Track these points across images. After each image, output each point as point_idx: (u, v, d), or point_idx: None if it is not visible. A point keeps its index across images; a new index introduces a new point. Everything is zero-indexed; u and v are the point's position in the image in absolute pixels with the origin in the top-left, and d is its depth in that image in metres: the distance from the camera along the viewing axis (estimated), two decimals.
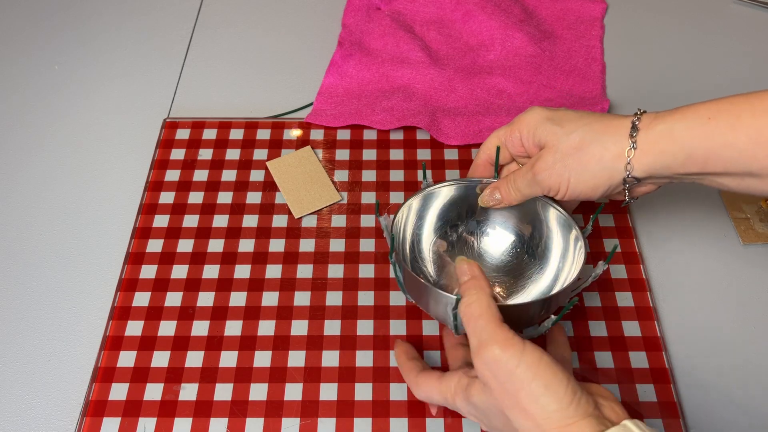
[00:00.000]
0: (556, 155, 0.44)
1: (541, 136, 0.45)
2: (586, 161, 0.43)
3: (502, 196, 0.48)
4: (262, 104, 0.68)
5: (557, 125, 0.44)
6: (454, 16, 0.75)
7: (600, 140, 0.43)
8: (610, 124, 0.43)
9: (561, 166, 0.44)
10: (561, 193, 0.45)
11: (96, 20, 0.78)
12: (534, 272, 0.51)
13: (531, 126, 0.46)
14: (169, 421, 0.48)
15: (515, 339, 0.37)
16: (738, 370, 0.50)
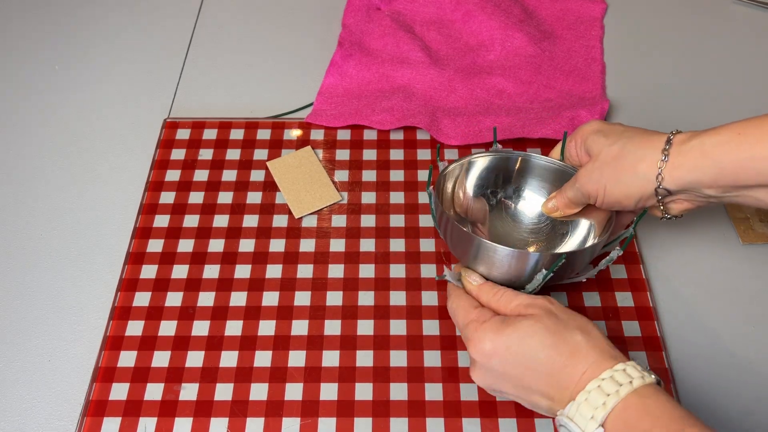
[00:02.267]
0: (595, 164, 0.47)
1: (589, 145, 0.48)
2: (621, 170, 0.46)
3: (557, 204, 0.51)
4: (262, 104, 0.68)
5: (604, 136, 0.47)
6: (454, 16, 0.75)
7: (636, 152, 0.45)
8: (650, 139, 0.45)
9: (598, 174, 0.46)
10: (599, 199, 0.47)
11: (96, 20, 0.78)
12: (565, 232, 0.53)
13: (584, 136, 0.49)
14: (169, 421, 0.48)
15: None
16: (738, 370, 0.50)
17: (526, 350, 0.40)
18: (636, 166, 0.45)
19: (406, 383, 0.49)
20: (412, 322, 0.53)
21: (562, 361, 0.39)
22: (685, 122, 0.65)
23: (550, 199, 0.52)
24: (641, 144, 0.45)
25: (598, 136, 0.48)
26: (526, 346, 0.40)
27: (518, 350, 0.41)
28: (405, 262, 0.56)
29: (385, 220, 0.59)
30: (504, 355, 0.41)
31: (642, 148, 0.45)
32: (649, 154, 0.45)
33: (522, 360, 0.41)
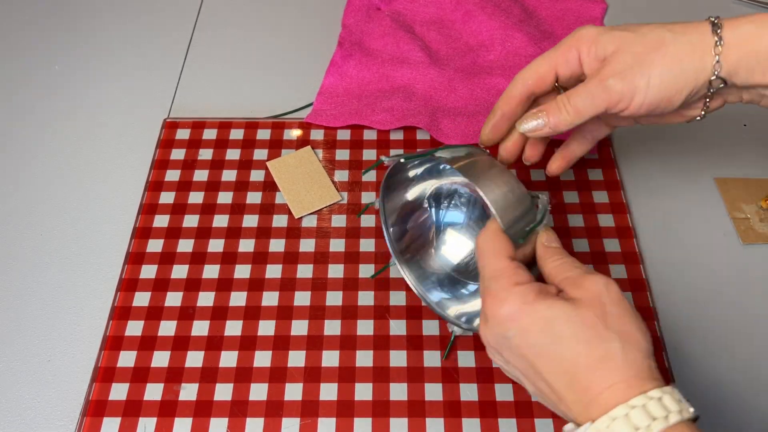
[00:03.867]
0: (631, 56, 0.39)
1: (607, 44, 0.40)
2: (669, 60, 0.39)
3: (550, 120, 0.42)
4: (262, 104, 0.68)
5: (625, 31, 0.40)
6: (454, 16, 0.75)
7: (681, 38, 0.39)
8: (690, 24, 0.40)
9: (638, 68, 0.39)
10: (635, 102, 0.39)
11: (96, 20, 0.78)
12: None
13: (593, 37, 0.41)
14: (169, 421, 0.48)
15: None
16: (738, 370, 0.50)
17: (552, 336, 0.35)
18: (687, 53, 0.38)
19: (406, 383, 0.49)
20: (411, 323, 0.53)
21: (588, 363, 0.34)
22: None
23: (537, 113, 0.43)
24: (683, 30, 0.39)
25: (616, 31, 0.40)
26: (553, 332, 0.35)
27: (543, 332, 0.35)
28: None
29: None
30: (525, 330, 0.36)
31: (686, 34, 0.39)
32: (700, 39, 0.39)
33: (544, 343, 0.35)
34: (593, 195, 0.60)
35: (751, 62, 0.38)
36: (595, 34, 0.41)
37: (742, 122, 0.65)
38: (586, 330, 0.34)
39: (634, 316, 0.36)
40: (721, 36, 0.38)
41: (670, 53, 0.39)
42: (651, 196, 0.60)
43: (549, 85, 0.44)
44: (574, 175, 0.61)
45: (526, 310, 0.36)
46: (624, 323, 0.35)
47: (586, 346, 0.34)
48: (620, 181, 0.61)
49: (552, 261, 0.40)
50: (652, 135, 0.64)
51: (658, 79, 0.39)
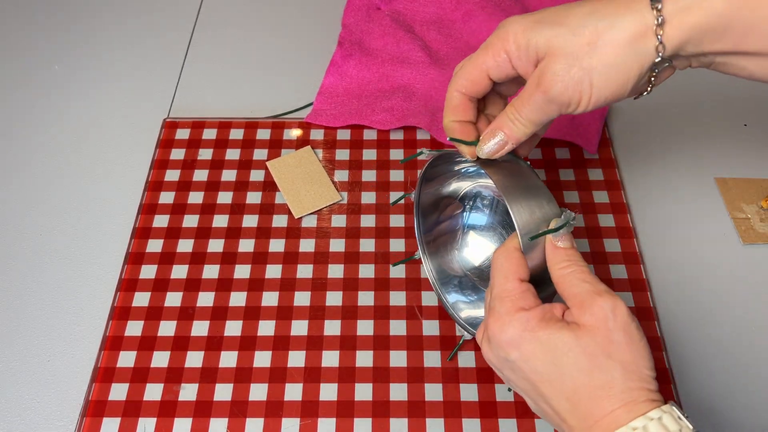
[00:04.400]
0: (567, 60, 0.36)
1: (539, 44, 0.37)
2: (608, 54, 0.36)
3: (507, 135, 0.40)
4: (262, 104, 0.68)
5: (556, 25, 0.37)
6: (454, 16, 0.75)
7: (616, 24, 0.35)
8: (620, 2, 0.36)
9: (578, 71, 0.36)
10: (584, 103, 0.38)
11: (96, 20, 0.78)
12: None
13: (520, 38, 0.38)
14: (169, 421, 0.48)
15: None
16: (738, 370, 0.50)
17: (554, 365, 0.35)
18: (625, 42, 0.35)
19: (406, 383, 0.49)
20: (411, 323, 0.53)
21: (589, 393, 0.34)
22: (687, 121, 0.65)
23: (494, 132, 0.41)
24: (616, 12, 0.36)
25: (545, 27, 0.37)
26: (555, 361, 0.35)
27: (545, 359, 0.36)
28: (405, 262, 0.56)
29: (385, 220, 0.59)
30: (528, 357, 0.36)
31: (619, 16, 0.36)
32: (636, 20, 0.35)
33: (546, 371, 0.36)
34: (593, 195, 0.60)
35: (697, 35, 0.35)
36: (521, 32, 0.38)
37: (742, 122, 0.65)
38: (587, 360, 0.35)
39: (639, 341, 0.35)
40: (661, 12, 0.35)
41: (608, 47, 0.36)
42: (651, 196, 0.60)
43: (486, 88, 0.42)
44: (574, 175, 0.61)
45: (527, 337, 0.36)
46: (627, 351, 0.35)
47: (587, 375, 0.34)
48: (620, 181, 0.61)
49: (559, 266, 0.39)
50: (652, 135, 0.64)
51: (601, 78, 0.36)
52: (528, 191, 0.41)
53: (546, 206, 0.41)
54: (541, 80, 0.37)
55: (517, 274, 0.39)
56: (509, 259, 0.39)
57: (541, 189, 0.42)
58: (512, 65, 0.40)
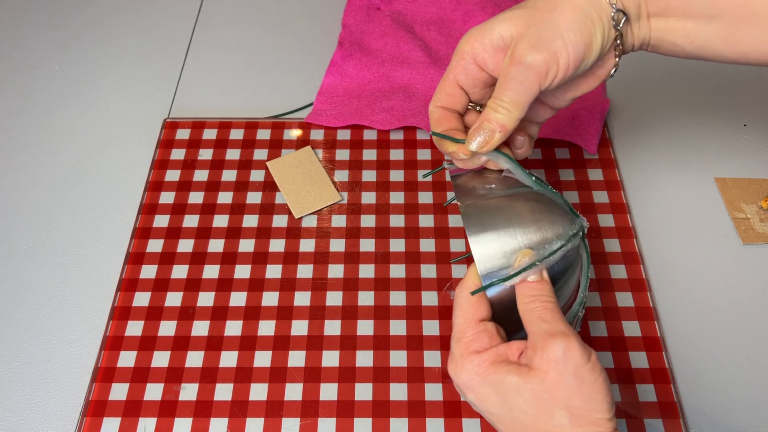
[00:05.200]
0: (533, 28, 0.38)
1: (501, 31, 0.38)
2: (569, 12, 0.38)
3: (496, 125, 0.40)
4: (262, 104, 0.68)
5: (514, 10, 0.39)
6: (454, 17, 0.75)
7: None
8: None
9: (548, 33, 0.37)
10: (563, 62, 0.38)
11: (96, 20, 0.78)
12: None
13: (480, 35, 0.39)
14: (169, 421, 0.48)
15: (584, 342, 0.37)
16: (738, 370, 0.50)
17: (506, 408, 0.37)
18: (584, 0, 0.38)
19: (406, 383, 0.49)
20: (412, 322, 0.53)
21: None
22: (687, 121, 0.66)
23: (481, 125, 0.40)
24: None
25: (499, 20, 0.39)
26: (506, 404, 0.36)
27: (497, 402, 0.37)
28: (405, 262, 0.56)
29: (385, 220, 0.59)
30: (482, 399, 0.37)
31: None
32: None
33: (498, 411, 0.37)
34: (593, 195, 0.60)
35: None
36: (481, 32, 0.39)
37: (742, 122, 0.65)
38: (535, 405, 0.35)
39: (591, 384, 0.35)
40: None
41: (568, 8, 0.38)
42: (651, 196, 0.60)
43: (462, 98, 0.43)
44: (574, 175, 0.61)
45: (478, 381, 0.37)
46: (577, 396, 0.35)
47: (534, 420, 0.35)
48: (620, 181, 0.61)
49: (523, 301, 0.39)
50: (652, 135, 0.64)
51: (571, 33, 0.37)
52: (509, 218, 0.41)
53: (520, 236, 0.40)
54: (514, 54, 0.38)
55: (476, 315, 0.39)
56: (468, 300, 0.40)
57: (527, 215, 0.41)
58: (478, 65, 0.40)
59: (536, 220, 0.41)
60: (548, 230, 0.41)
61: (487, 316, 0.40)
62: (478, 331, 0.39)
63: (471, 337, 0.38)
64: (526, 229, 0.40)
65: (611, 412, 0.35)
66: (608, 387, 0.36)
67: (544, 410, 0.35)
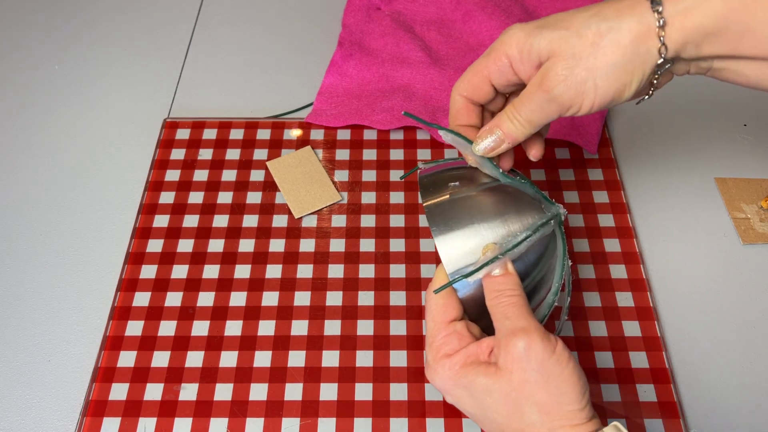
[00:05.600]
0: (571, 61, 0.36)
1: (541, 47, 0.37)
2: (611, 55, 0.36)
3: (505, 133, 0.40)
4: (262, 104, 0.68)
5: (559, 29, 0.37)
6: (454, 16, 0.75)
7: (619, 26, 0.35)
8: (624, 5, 0.36)
9: (582, 71, 0.36)
10: (587, 104, 0.37)
11: (96, 20, 0.78)
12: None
13: (522, 42, 0.38)
14: (169, 421, 0.48)
15: (549, 333, 0.37)
16: (738, 370, 0.50)
17: (480, 407, 0.37)
18: (628, 42, 0.35)
19: (406, 383, 0.49)
20: (412, 322, 0.53)
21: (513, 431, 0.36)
22: (687, 121, 0.65)
23: (492, 129, 0.41)
24: (618, 15, 0.36)
25: (547, 31, 0.37)
26: (479, 403, 0.37)
27: (472, 402, 0.38)
28: (405, 262, 0.56)
29: (385, 220, 0.59)
30: (458, 400, 0.38)
31: (623, 18, 0.36)
32: (639, 21, 0.35)
33: (475, 411, 0.38)
34: (593, 195, 0.60)
35: (697, 37, 0.35)
36: (523, 38, 0.38)
37: (742, 122, 0.65)
38: (505, 404, 0.36)
39: (557, 377, 0.35)
40: (662, 15, 0.35)
41: (611, 47, 0.36)
42: (651, 196, 0.60)
43: (488, 94, 0.42)
44: (574, 175, 0.61)
45: (451, 384, 0.38)
46: (544, 391, 0.35)
47: (506, 418, 0.36)
48: (620, 181, 0.61)
49: (489, 297, 0.39)
50: (652, 135, 0.64)
51: (605, 79, 0.36)
52: (472, 214, 0.41)
53: (485, 231, 0.40)
54: (544, 80, 0.37)
55: (445, 317, 0.39)
56: (436, 302, 0.40)
57: (491, 209, 0.41)
58: (513, 70, 0.40)
59: (500, 213, 0.41)
60: (515, 223, 0.40)
61: (457, 317, 0.40)
62: (447, 334, 0.39)
63: (441, 340, 0.39)
64: (490, 224, 0.40)
65: (582, 402, 0.35)
66: (577, 376, 0.36)
67: (515, 409, 0.35)
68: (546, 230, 0.41)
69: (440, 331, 0.39)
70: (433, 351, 0.39)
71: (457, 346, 0.38)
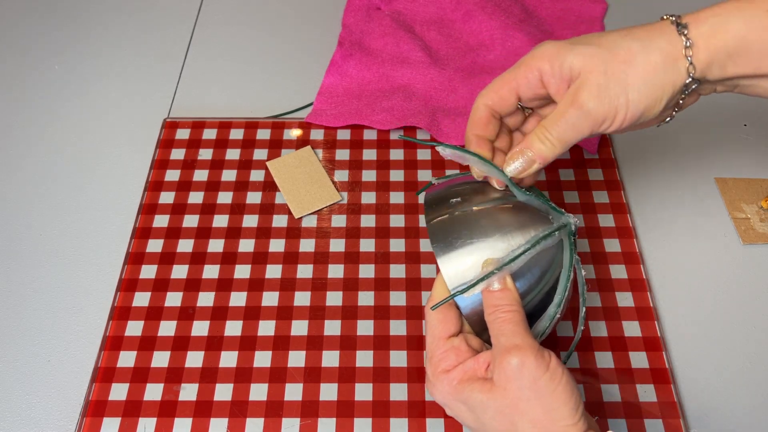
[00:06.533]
0: (604, 76, 0.37)
1: (574, 62, 0.38)
2: (643, 73, 0.37)
3: (536, 154, 0.40)
4: (262, 104, 0.68)
5: (592, 45, 0.38)
6: (454, 16, 0.75)
7: (650, 46, 0.37)
8: (652, 28, 0.38)
9: (615, 86, 0.37)
10: (618, 119, 0.38)
11: (96, 20, 0.78)
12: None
13: (554, 56, 0.39)
14: (169, 421, 0.48)
15: (543, 349, 0.37)
16: (738, 370, 0.50)
17: (478, 421, 0.38)
18: (659, 61, 0.37)
19: (406, 383, 0.49)
20: (412, 322, 0.53)
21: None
22: (687, 121, 0.65)
23: (523, 151, 0.41)
24: (648, 36, 0.38)
25: (580, 47, 0.38)
26: (477, 418, 0.38)
27: (470, 417, 0.39)
28: (405, 262, 0.56)
29: (385, 220, 0.59)
30: (458, 413, 0.40)
31: (653, 39, 0.37)
32: (669, 41, 0.37)
33: (474, 425, 0.39)
34: (593, 195, 0.60)
35: (722, 58, 0.37)
36: (555, 53, 0.39)
37: (742, 122, 0.65)
38: (501, 419, 0.37)
39: (550, 394, 0.36)
40: (688, 37, 0.37)
41: (643, 65, 0.37)
42: (651, 196, 0.60)
43: (512, 106, 0.43)
44: (574, 175, 0.61)
45: (450, 399, 0.39)
46: (538, 408, 0.36)
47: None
48: (620, 181, 0.61)
49: (486, 312, 0.40)
50: (652, 135, 0.64)
51: (637, 94, 0.38)
52: (471, 230, 0.41)
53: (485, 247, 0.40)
54: (577, 96, 0.38)
55: (443, 333, 0.40)
56: (435, 318, 0.41)
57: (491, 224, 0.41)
58: (543, 83, 0.40)
59: (501, 228, 0.41)
60: (516, 237, 0.41)
61: (455, 332, 0.41)
62: (445, 350, 0.40)
63: (439, 356, 0.40)
64: (490, 239, 0.40)
65: (575, 417, 0.36)
66: (570, 391, 0.36)
67: (510, 424, 0.36)
68: (549, 242, 0.41)
69: (438, 347, 0.40)
70: (432, 366, 0.40)
71: (454, 362, 0.39)
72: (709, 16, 0.37)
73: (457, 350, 0.40)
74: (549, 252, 0.41)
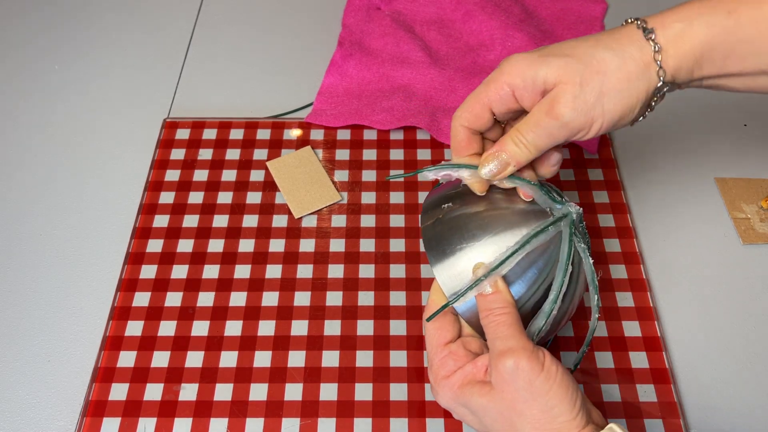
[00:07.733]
0: (579, 87, 0.38)
1: (547, 75, 0.38)
2: (617, 82, 0.38)
3: (509, 156, 0.40)
4: (262, 104, 0.68)
5: (564, 56, 0.38)
6: (454, 16, 0.75)
7: (622, 55, 0.38)
8: (620, 36, 0.39)
9: (591, 97, 0.38)
10: (594, 128, 0.39)
11: (96, 20, 0.78)
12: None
13: (525, 70, 0.39)
14: (169, 421, 0.48)
15: (538, 350, 0.38)
16: (738, 370, 0.50)
17: (481, 423, 0.40)
18: (632, 69, 0.38)
19: (406, 383, 0.49)
20: (412, 322, 0.53)
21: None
22: (687, 121, 0.65)
23: (498, 153, 0.41)
24: (617, 45, 0.38)
25: (552, 59, 0.38)
26: (480, 420, 0.39)
27: (474, 419, 0.40)
28: (405, 262, 0.56)
29: (385, 220, 0.59)
30: (462, 417, 0.41)
31: (622, 47, 0.38)
32: (638, 48, 0.38)
33: (479, 427, 0.40)
34: (593, 195, 0.60)
35: (689, 63, 0.38)
36: (526, 66, 0.39)
37: (742, 122, 0.65)
38: (501, 421, 0.38)
39: (546, 393, 0.36)
40: (655, 41, 0.38)
41: (617, 74, 0.38)
42: (651, 196, 0.60)
43: (488, 122, 0.42)
44: (574, 175, 0.61)
45: (453, 404, 0.40)
46: (535, 407, 0.36)
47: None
48: (620, 181, 0.61)
49: (481, 316, 0.40)
50: (652, 135, 0.64)
51: (612, 103, 0.38)
52: (462, 235, 0.41)
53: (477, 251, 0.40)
54: (553, 107, 0.38)
55: (440, 340, 0.42)
56: (432, 326, 0.42)
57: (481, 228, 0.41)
58: (515, 98, 0.40)
59: (491, 230, 0.41)
60: (507, 237, 0.41)
61: (452, 339, 0.42)
62: (443, 357, 0.41)
63: (438, 363, 0.41)
64: (480, 243, 0.41)
65: (573, 412, 0.36)
66: (566, 388, 0.37)
67: (511, 425, 0.37)
68: (543, 238, 0.41)
69: (437, 355, 0.41)
70: (433, 374, 0.41)
71: (453, 367, 0.41)
72: (673, 21, 0.38)
73: (454, 355, 0.41)
74: (546, 247, 0.41)
